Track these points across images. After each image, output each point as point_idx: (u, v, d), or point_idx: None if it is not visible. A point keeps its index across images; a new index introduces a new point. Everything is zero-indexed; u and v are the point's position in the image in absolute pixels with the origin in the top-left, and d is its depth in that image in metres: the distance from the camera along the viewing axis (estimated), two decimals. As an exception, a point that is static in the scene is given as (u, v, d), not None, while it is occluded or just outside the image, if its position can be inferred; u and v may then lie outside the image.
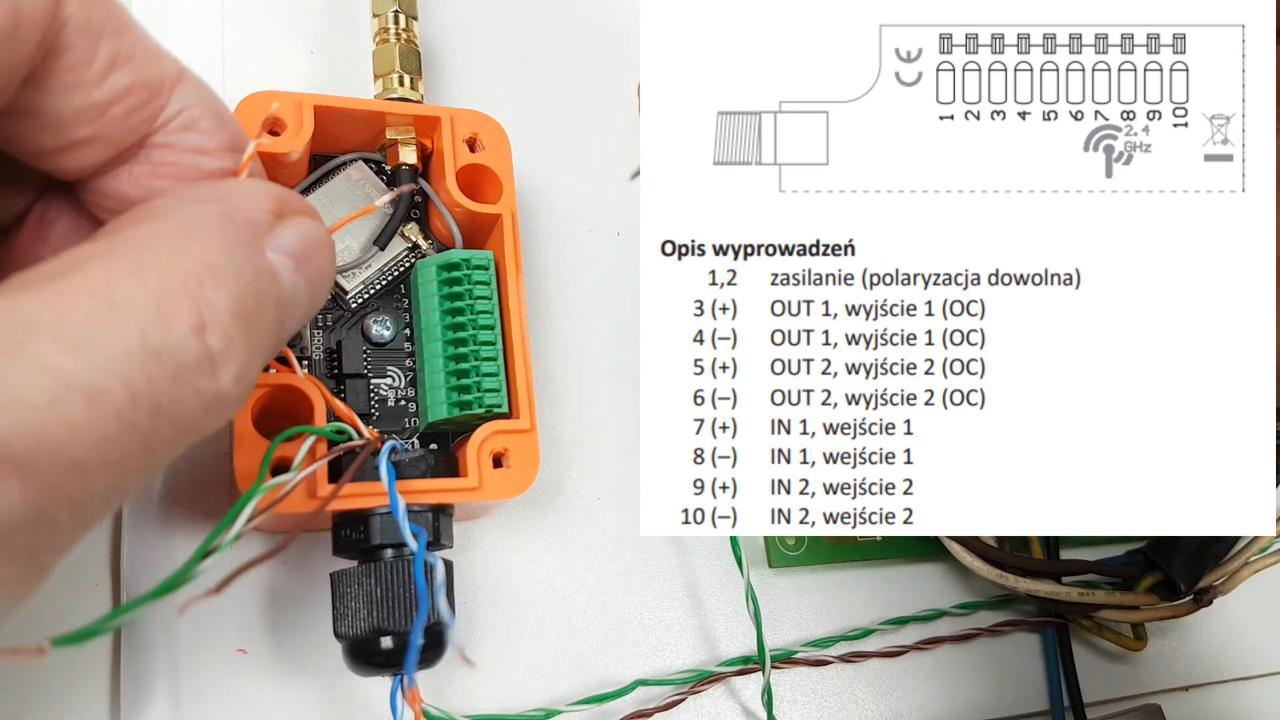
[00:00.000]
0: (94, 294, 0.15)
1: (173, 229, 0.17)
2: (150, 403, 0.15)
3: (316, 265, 0.19)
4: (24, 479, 0.13)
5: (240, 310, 0.16)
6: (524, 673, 0.27)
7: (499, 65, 0.32)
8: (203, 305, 0.16)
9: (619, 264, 0.31)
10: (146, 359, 0.15)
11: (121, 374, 0.14)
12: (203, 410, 0.16)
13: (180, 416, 0.15)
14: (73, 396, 0.14)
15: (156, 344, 0.15)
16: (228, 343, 0.16)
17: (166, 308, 0.15)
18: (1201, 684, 0.33)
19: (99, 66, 0.18)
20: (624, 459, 0.29)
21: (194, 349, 0.15)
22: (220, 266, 0.16)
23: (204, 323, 0.16)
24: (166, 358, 0.15)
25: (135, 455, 0.15)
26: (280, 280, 0.18)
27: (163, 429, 0.15)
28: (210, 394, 0.16)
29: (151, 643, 0.23)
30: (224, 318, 0.16)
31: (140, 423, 0.15)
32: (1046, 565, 0.31)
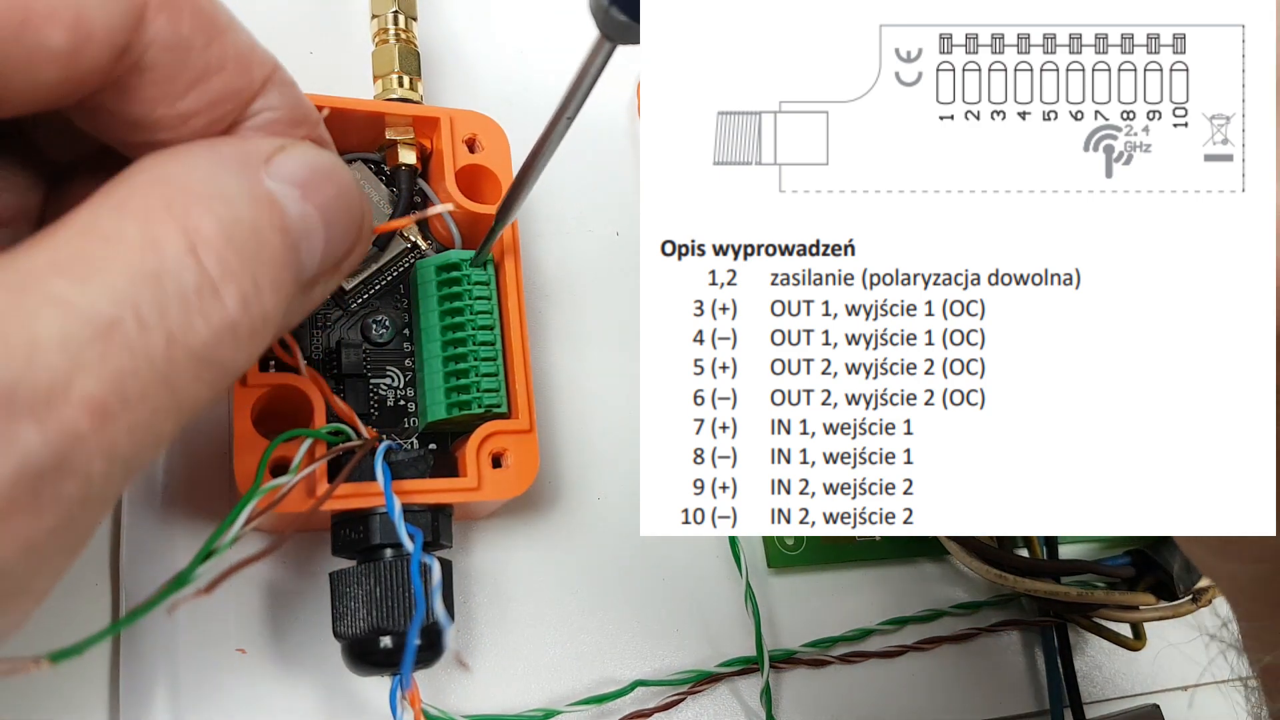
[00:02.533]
0: (85, 232, 0.14)
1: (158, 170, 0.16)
2: (162, 330, 0.14)
3: (328, 192, 0.18)
4: (41, 424, 0.12)
5: (232, 234, 0.16)
6: (523, 673, 0.27)
7: (499, 65, 0.32)
8: (189, 229, 0.15)
9: (619, 264, 0.31)
10: (147, 282, 0.14)
11: (127, 300, 0.14)
12: (216, 338, 0.15)
13: (195, 346, 0.15)
14: (82, 330, 0.13)
15: (153, 266, 0.14)
16: (223, 266, 0.15)
17: (154, 233, 0.15)
18: (1201, 684, 0.33)
19: (184, 82, 0.17)
20: (624, 459, 0.29)
21: (191, 271, 0.15)
22: (204, 194, 0.16)
23: (194, 245, 0.15)
24: (167, 281, 0.15)
25: (157, 392, 0.14)
26: (283, 208, 0.17)
27: (180, 360, 0.14)
28: (219, 319, 0.15)
29: (151, 643, 0.23)
30: (214, 241, 0.15)
31: (155, 354, 0.14)
32: (1046, 565, 0.31)
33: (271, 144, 0.18)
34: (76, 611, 0.23)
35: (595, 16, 0.16)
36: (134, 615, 0.17)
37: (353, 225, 0.19)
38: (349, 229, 0.19)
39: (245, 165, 0.17)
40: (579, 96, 0.18)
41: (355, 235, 0.19)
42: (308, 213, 0.18)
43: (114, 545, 0.24)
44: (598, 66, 0.17)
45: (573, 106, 0.18)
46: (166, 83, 0.17)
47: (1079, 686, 0.31)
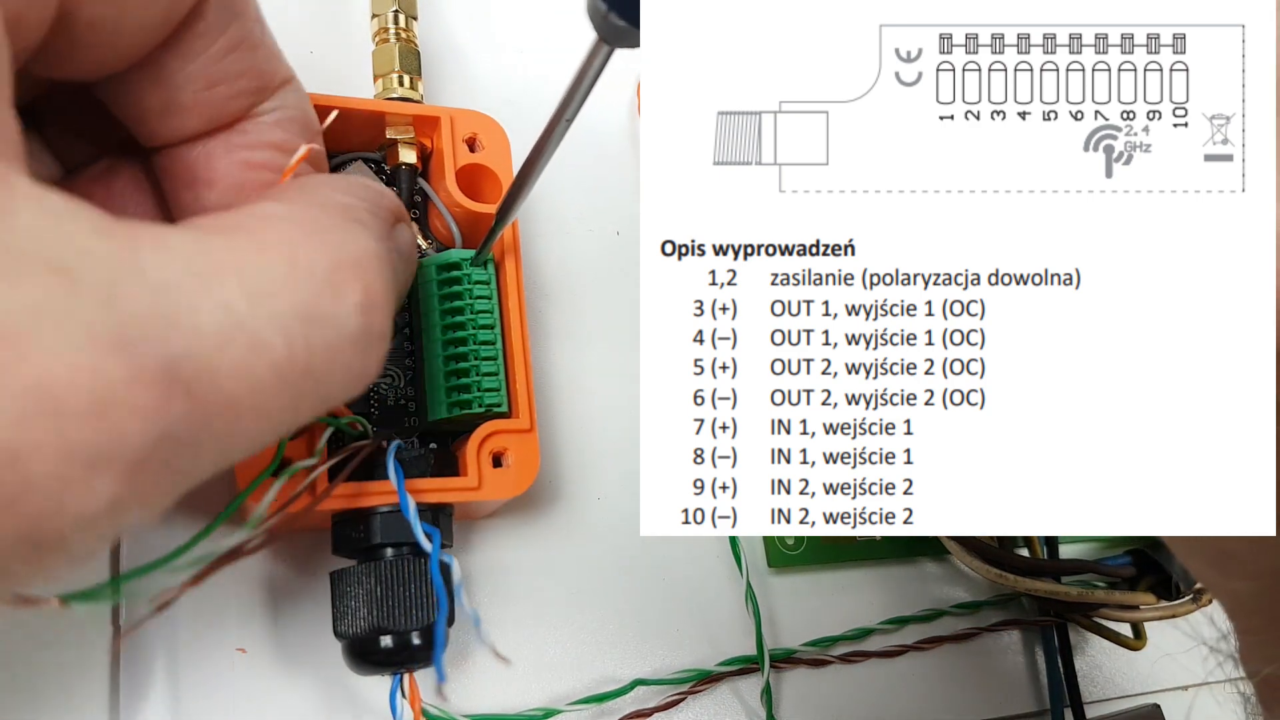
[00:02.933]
0: (279, 251, 0.16)
1: (339, 208, 0.18)
2: (305, 365, 0.15)
3: (413, 269, 0.21)
4: (190, 399, 0.13)
5: (390, 296, 0.17)
6: (523, 672, 0.27)
7: (499, 64, 0.32)
8: (368, 287, 0.17)
9: (619, 264, 0.31)
10: (312, 322, 0.15)
11: (285, 330, 0.15)
12: (347, 385, 0.17)
13: (326, 386, 0.16)
14: (240, 338, 0.14)
15: (324, 311, 0.16)
16: (385, 325, 0.17)
17: (339, 279, 0.16)
18: (1201, 684, 0.33)
19: (224, 44, 0.18)
20: (624, 459, 0.29)
21: (355, 324, 0.16)
22: (380, 254, 0.17)
23: (369, 303, 0.16)
24: (330, 326, 0.16)
25: (281, 410, 0.15)
26: (401, 275, 0.19)
27: (308, 393, 0.16)
28: (358, 370, 0.17)
29: (151, 642, 0.23)
30: (382, 303, 0.17)
31: (291, 381, 0.15)
32: (1046, 564, 0.31)
33: (399, 207, 0.20)
34: (76, 610, 0.23)
35: (593, 21, 0.16)
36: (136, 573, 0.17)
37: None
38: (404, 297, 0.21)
39: (388, 228, 0.19)
40: (578, 99, 0.18)
41: None
42: (406, 284, 0.20)
43: (114, 545, 0.24)
44: (596, 69, 0.17)
45: (571, 109, 0.18)
46: (209, 36, 0.18)
47: (1079, 686, 0.31)
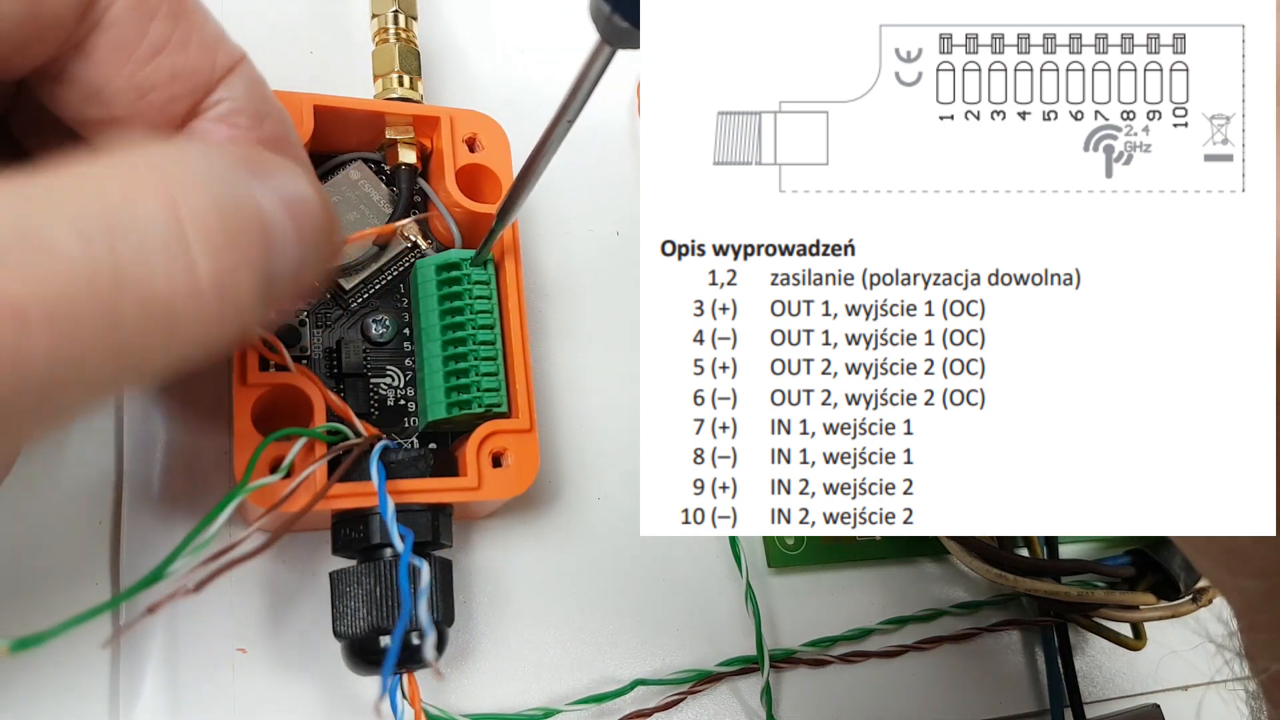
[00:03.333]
0: (67, 171, 0.14)
1: (160, 145, 0.17)
2: (111, 267, 0.14)
3: (308, 217, 0.18)
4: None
5: (217, 211, 0.16)
6: (523, 672, 0.27)
7: (499, 65, 0.32)
8: (176, 194, 0.15)
9: (619, 264, 0.31)
10: (107, 217, 0.14)
11: (76, 226, 0.13)
12: (174, 296, 0.15)
13: (148, 294, 0.14)
14: (16, 241, 0.13)
15: (120, 212, 0.14)
16: (205, 235, 0.15)
17: (137, 186, 0.15)
18: (1201, 684, 0.33)
19: (146, 48, 0.18)
20: (624, 459, 0.29)
21: (162, 222, 0.15)
22: (201, 174, 0.16)
23: (175, 205, 0.15)
24: (132, 230, 0.14)
25: (94, 326, 0.13)
26: (266, 215, 0.17)
27: (128, 304, 0.14)
28: (184, 281, 0.15)
29: (151, 642, 0.23)
30: (197, 208, 0.15)
31: (99, 286, 0.13)
32: (1046, 565, 0.31)
33: (270, 159, 0.18)
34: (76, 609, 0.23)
35: (596, 23, 0.16)
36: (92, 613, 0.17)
37: (326, 252, 0.19)
38: (323, 255, 0.19)
39: (243, 166, 0.17)
40: (579, 100, 0.18)
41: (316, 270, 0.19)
42: (287, 227, 0.18)
43: (114, 545, 0.24)
44: (597, 71, 0.17)
45: (572, 110, 0.18)
46: (127, 46, 0.17)
47: (1079, 686, 0.31)
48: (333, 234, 0.19)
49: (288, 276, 0.18)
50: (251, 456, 0.21)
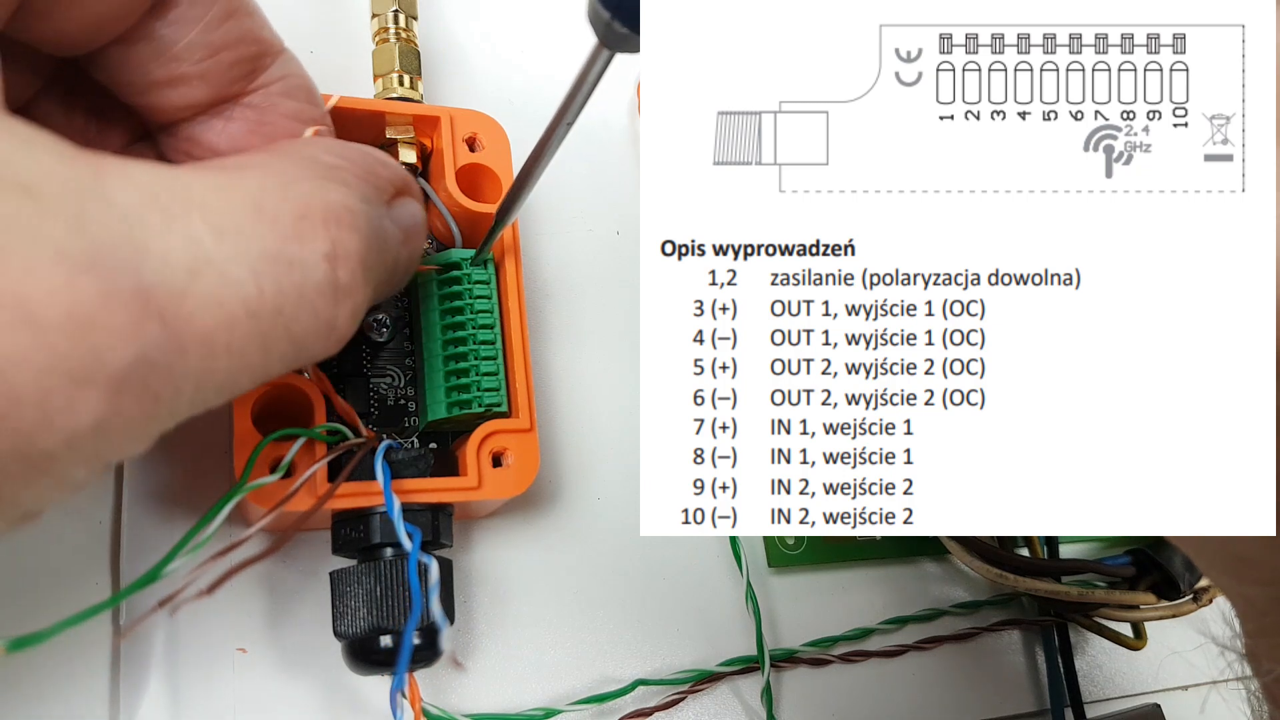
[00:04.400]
0: (246, 195, 0.16)
1: (319, 166, 0.18)
2: (274, 305, 0.16)
3: (416, 245, 0.21)
4: (164, 325, 0.14)
5: (366, 255, 0.18)
6: (524, 672, 0.27)
7: (499, 64, 0.32)
8: (335, 239, 0.17)
9: (619, 264, 0.31)
10: (279, 264, 0.16)
11: (254, 269, 0.15)
12: (316, 332, 0.17)
13: (297, 331, 0.16)
14: (209, 271, 0.15)
15: (290, 255, 0.16)
16: (352, 279, 0.17)
17: (306, 231, 0.16)
18: (1201, 684, 0.33)
19: (219, 10, 0.19)
20: (624, 459, 0.29)
21: (322, 272, 0.17)
22: (357, 212, 0.18)
23: (335, 254, 0.17)
24: (296, 270, 0.16)
25: (253, 351, 0.15)
26: (393, 244, 0.19)
27: (279, 336, 0.16)
28: (326, 319, 0.17)
29: (151, 642, 0.23)
30: (353, 257, 0.17)
31: (263, 321, 0.15)
32: (1046, 564, 0.31)
33: (401, 179, 0.20)
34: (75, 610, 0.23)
35: (595, 27, 0.16)
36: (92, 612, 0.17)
37: (410, 275, 0.22)
38: (407, 277, 0.21)
39: (382, 195, 0.19)
40: (578, 103, 0.18)
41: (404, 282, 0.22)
42: (400, 256, 0.20)
43: (114, 545, 0.24)
44: (596, 74, 0.17)
45: (571, 112, 0.18)
46: (206, 3, 0.19)
47: (1079, 686, 0.31)
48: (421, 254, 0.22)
49: (391, 293, 0.21)
50: (250, 456, 0.21)
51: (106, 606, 0.17)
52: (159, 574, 0.18)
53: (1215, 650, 0.20)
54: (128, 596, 0.18)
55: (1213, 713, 0.32)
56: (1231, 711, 0.31)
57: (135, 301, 0.13)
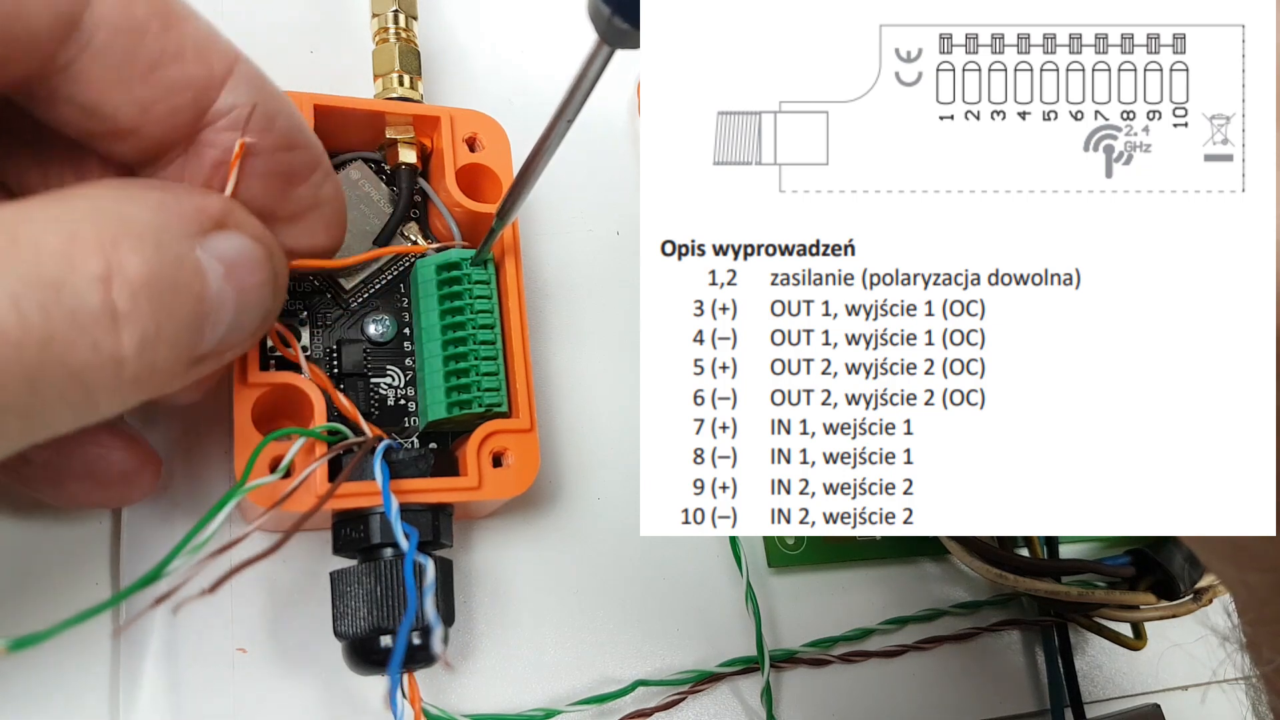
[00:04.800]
0: (9, 219, 0.15)
1: (105, 199, 0.17)
2: (42, 334, 0.14)
3: (248, 283, 0.19)
4: None
5: (152, 283, 0.16)
6: (524, 672, 0.27)
7: (499, 64, 0.32)
8: (112, 261, 0.15)
9: (619, 264, 0.31)
10: (43, 288, 0.14)
11: (13, 294, 0.14)
12: (99, 367, 0.15)
13: (73, 363, 0.15)
14: None
15: (54, 278, 0.15)
16: (133, 304, 0.16)
17: (74, 252, 0.15)
18: (1201, 684, 0.33)
19: (141, 66, 0.18)
20: (624, 459, 0.29)
21: (95, 297, 0.15)
22: (142, 236, 0.16)
23: (109, 275, 0.15)
24: (65, 295, 0.15)
25: (17, 386, 0.14)
26: (205, 278, 0.17)
27: (52, 369, 0.14)
28: (108, 351, 0.15)
29: (151, 642, 0.23)
30: (132, 280, 0.16)
31: (27, 351, 0.14)
32: (1046, 564, 0.31)
33: (218, 210, 0.18)
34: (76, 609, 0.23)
35: (595, 24, 0.16)
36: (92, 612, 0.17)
37: (255, 321, 0.19)
38: (254, 323, 0.19)
39: (185, 228, 0.17)
40: (577, 100, 0.18)
41: (256, 327, 0.20)
42: (225, 292, 0.18)
43: (114, 545, 0.24)
44: (596, 71, 0.17)
45: (571, 110, 0.18)
46: (121, 68, 0.17)
47: (1079, 686, 0.31)
48: (278, 286, 0.20)
49: (219, 340, 0.18)
50: (251, 456, 0.21)
51: (106, 606, 0.17)
52: (159, 574, 0.18)
53: (1216, 643, 0.20)
54: (128, 596, 0.18)
55: (1213, 711, 0.32)
56: (1231, 711, 0.31)
57: None
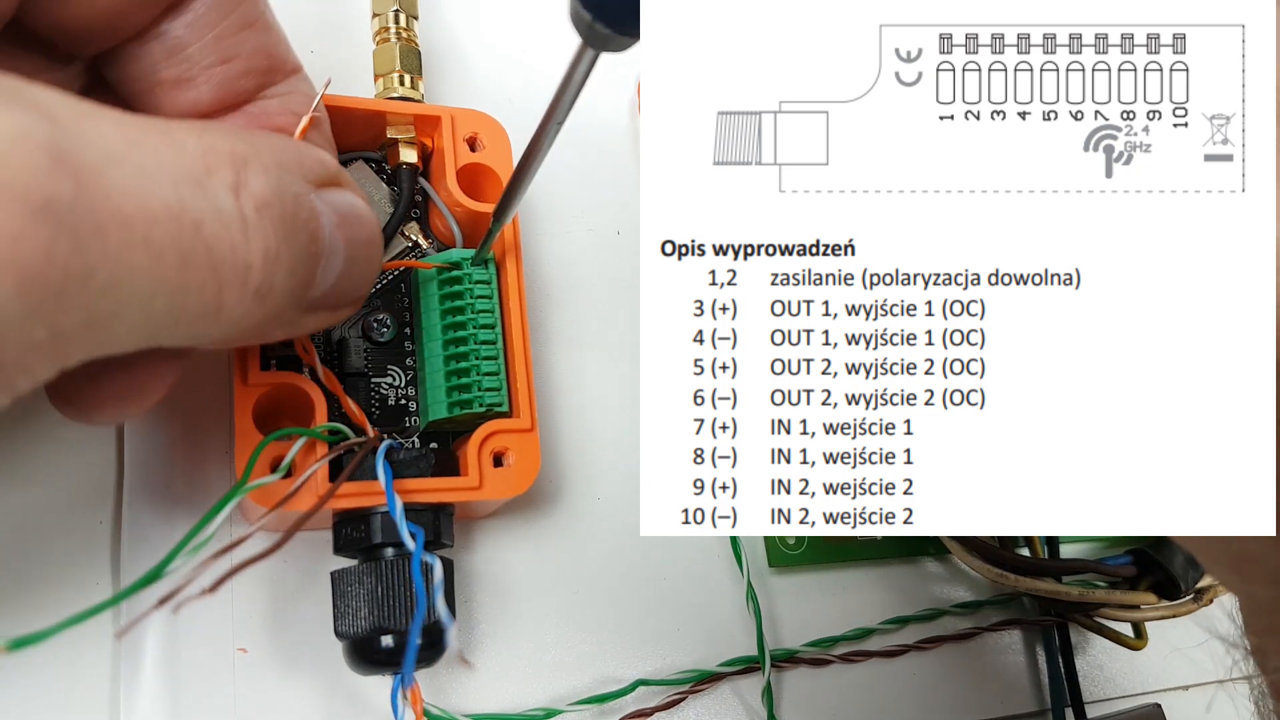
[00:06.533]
0: (156, 123, 0.15)
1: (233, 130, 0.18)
2: (194, 217, 0.15)
3: (357, 235, 0.20)
4: (79, 186, 0.13)
5: (273, 205, 0.17)
6: (525, 672, 0.27)
7: (500, 64, 0.32)
8: (240, 176, 0.16)
9: (619, 264, 0.31)
10: (189, 183, 0.15)
11: (171, 178, 0.15)
12: (234, 266, 0.16)
13: (215, 254, 0.15)
14: (127, 165, 0.14)
15: (198, 176, 0.15)
16: (258, 218, 0.16)
17: (211, 159, 0.16)
18: (1201, 684, 0.33)
19: (236, 19, 0.19)
20: (624, 459, 0.29)
21: (229, 201, 0.16)
22: (266, 165, 0.17)
23: (238, 187, 0.16)
24: (206, 193, 0.15)
25: (172, 259, 0.15)
26: (319, 220, 0.18)
27: (200, 253, 0.15)
28: (240, 253, 0.16)
29: (152, 642, 0.23)
30: (256, 196, 0.16)
31: (184, 227, 0.15)
32: (1046, 564, 0.31)
33: (334, 167, 0.20)
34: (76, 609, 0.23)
35: (578, 28, 0.16)
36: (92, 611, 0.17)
37: (365, 275, 0.20)
38: (361, 276, 0.20)
39: (305, 171, 0.18)
40: (566, 103, 0.18)
41: (362, 285, 0.20)
42: (336, 241, 0.19)
43: (114, 544, 0.24)
44: (582, 74, 0.17)
45: (560, 112, 0.18)
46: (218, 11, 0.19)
47: (1080, 686, 0.31)
48: (377, 254, 0.21)
49: (329, 288, 0.19)
50: (251, 456, 0.21)
51: (107, 606, 0.17)
52: (160, 573, 0.18)
53: (1218, 647, 0.20)
54: (128, 596, 0.18)
55: (1214, 712, 0.32)
56: (1232, 711, 0.31)
57: (48, 151, 0.13)
